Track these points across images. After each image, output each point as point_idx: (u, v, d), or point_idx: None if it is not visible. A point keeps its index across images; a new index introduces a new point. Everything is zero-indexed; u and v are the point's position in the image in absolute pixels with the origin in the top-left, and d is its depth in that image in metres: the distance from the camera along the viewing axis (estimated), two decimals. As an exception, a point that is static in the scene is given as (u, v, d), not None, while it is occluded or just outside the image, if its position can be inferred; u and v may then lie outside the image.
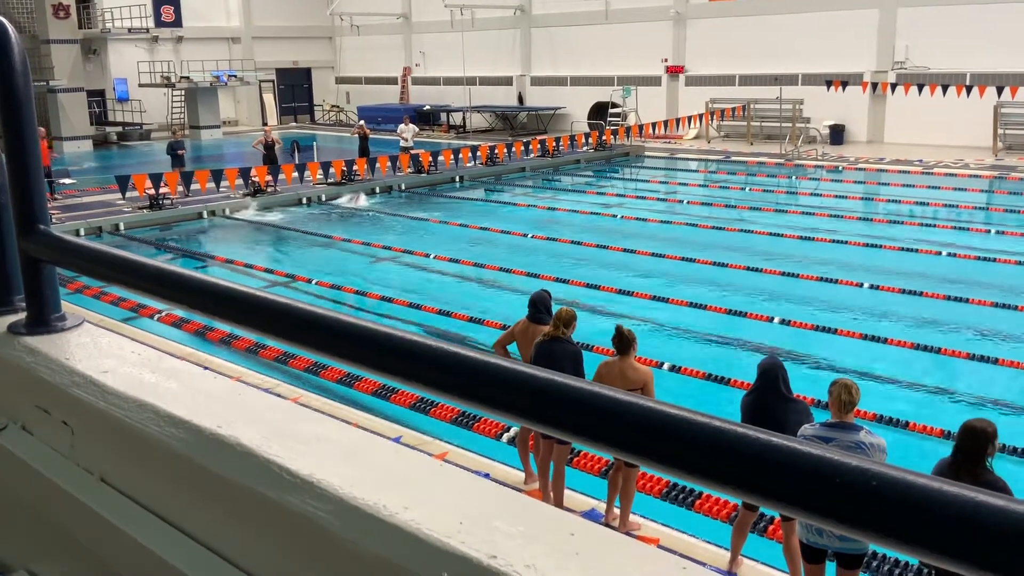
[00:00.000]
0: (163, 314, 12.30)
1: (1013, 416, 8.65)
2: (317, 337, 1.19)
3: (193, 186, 20.39)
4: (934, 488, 0.65)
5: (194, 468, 1.25)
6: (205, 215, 20.51)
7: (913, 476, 0.67)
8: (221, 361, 10.44)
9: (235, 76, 40.35)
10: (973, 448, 4.52)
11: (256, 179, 21.44)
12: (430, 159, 24.31)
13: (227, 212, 20.76)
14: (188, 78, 38.91)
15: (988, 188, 21.28)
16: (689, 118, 28.72)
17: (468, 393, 1.03)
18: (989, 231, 16.81)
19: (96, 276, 1.78)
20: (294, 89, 46.20)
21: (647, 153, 29.22)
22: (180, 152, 24.24)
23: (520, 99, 38.38)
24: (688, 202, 20.79)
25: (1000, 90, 23.71)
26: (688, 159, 28.30)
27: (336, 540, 1.02)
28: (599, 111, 34.32)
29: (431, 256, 16.14)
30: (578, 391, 0.92)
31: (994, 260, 14.25)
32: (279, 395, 9.29)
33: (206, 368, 9.97)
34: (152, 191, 19.73)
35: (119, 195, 19.89)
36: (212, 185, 20.51)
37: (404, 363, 1.12)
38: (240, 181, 21.00)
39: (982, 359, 9.98)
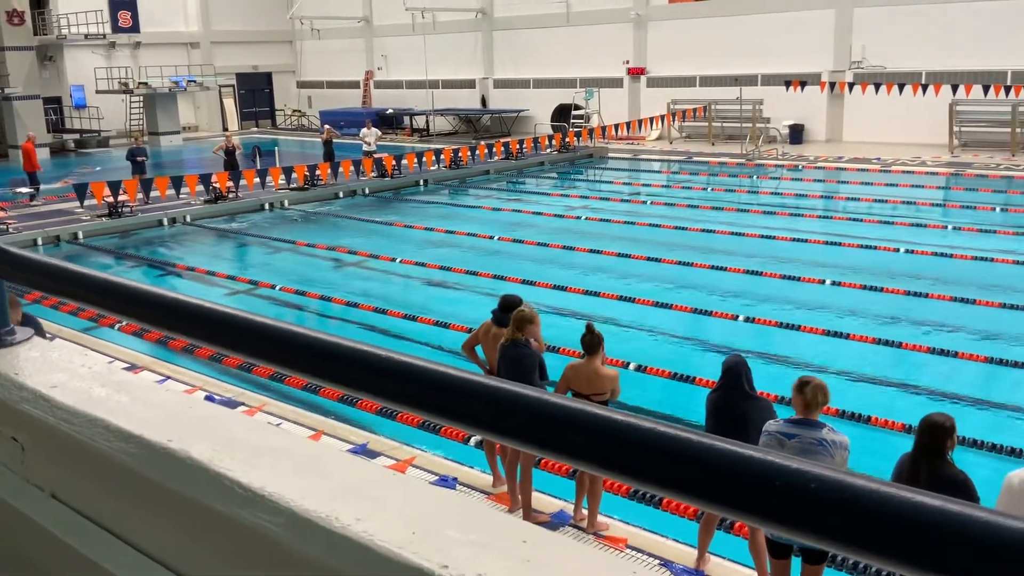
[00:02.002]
0: (124, 324, 12.12)
1: (973, 409, 8.80)
2: (266, 348, 1.17)
3: (153, 193, 20.13)
4: (871, 489, 0.66)
5: (145, 483, 1.23)
6: (166, 222, 20.26)
7: (850, 477, 0.68)
8: (184, 370, 10.32)
9: (194, 81, 39.90)
10: (933, 442, 4.59)
11: (217, 185, 21.22)
12: (393, 163, 24.23)
13: (188, 219, 20.52)
14: (146, 84, 38.42)
15: (945, 185, 21.65)
16: (651, 119, 28.90)
17: (427, 405, 1.02)
18: (946, 227, 17.11)
19: (45, 289, 1.74)
20: (255, 94, 45.81)
21: (610, 154, 29.37)
22: (140, 159, 23.94)
23: (483, 102, 38.38)
24: (652, 203, 20.92)
25: (955, 88, 24.14)
26: (651, 160, 28.47)
27: (288, 553, 1.00)
28: (562, 113, 34.44)
29: (397, 260, 16.07)
30: (536, 402, 0.92)
31: (951, 256, 14.49)
32: (242, 403, 9.21)
33: (168, 378, 9.85)
34: (111, 199, 19.45)
35: (77, 203, 19.59)
36: (172, 192, 20.27)
37: (359, 375, 1.11)
38: (201, 187, 20.77)
39: (942, 353, 10.14)
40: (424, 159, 24.56)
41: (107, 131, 38.62)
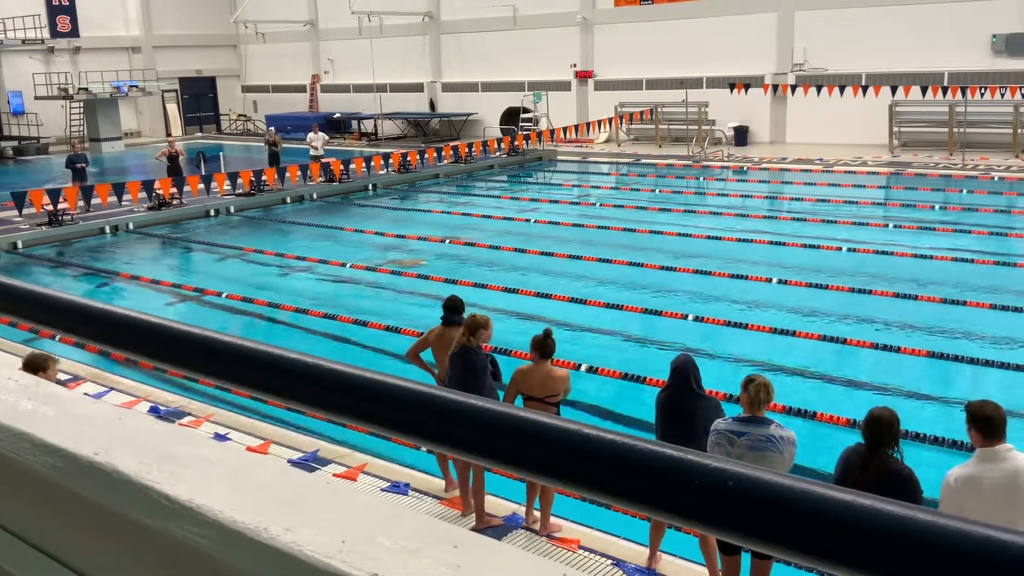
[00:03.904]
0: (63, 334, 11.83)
1: (917, 403, 9.00)
2: (198, 359, 1.15)
3: (94, 200, 19.72)
4: (785, 485, 0.66)
5: (71, 497, 1.20)
6: (108, 230, 19.85)
7: (767, 474, 0.68)
8: (127, 381, 10.11)
9: (136, 86, 39.15)
10: (876, 436, 4.68)
11: (160, 191, 20.86)
12: (341, 167, 24.04)
13: (131, 227, 20.13)
14: (87, 89, 37.59)
15: (885, 184, 22.14)
16: (599, 122, 29.11)
17: (372, 417, 1.01)
18: (887, 226, 17.49)
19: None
20: (199, 99, 45.14)
21: (560, 157, 29.50)
22: (80, 166, 23.44)
23: (432, 105, 38.30)
24: (601, 204, 21.05)
25: (894, 89, 24.70)
26: (600, 162, 28.67)
27: (217, 566, 0.98)
28: (511, 116, 34.51)
29: (347, 265, 15.95)
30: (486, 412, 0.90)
31: (893, 254, 14.81)
32: (189, 414, 9.06)
33: (111, 389, 9.63)
34: (50, 207, 19.00)
35: (16, 212, 19.10)
36: (114, 199, 19.87)
37: (301, 386, 1.08)
38: (143, 194, 20.40)
39: (885, 348, 10.35)
40: (373, 163, 24.41)
41: (46, 138, 37.72)
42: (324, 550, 0.91)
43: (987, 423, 4.30)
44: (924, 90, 23.91)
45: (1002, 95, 23.33)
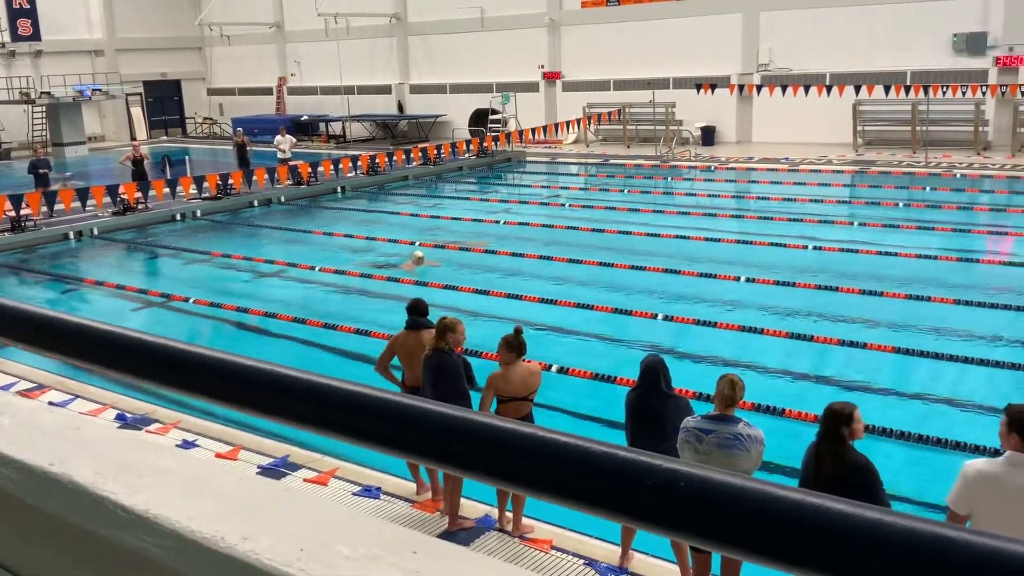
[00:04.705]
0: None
1: (882, 397, 9.11)
2: (152, 368, 1.13)
3: (57, 206, 19.44)
4: (735, 485, 0.66)
5: (25, 509, 1.18)
6: (72, 236, 19.57)
7: (717, 474, 0.68)
8: (92, 388, 9.97)
9: (100, 90, 38.64)
10: (834, 428, 4.74)
11: (125, 196, 20.60)
12: (309, 170, 23.89)
13: (95, 232, 19.86)
14: (49, 93, 37.04)
15: (850, 183, 22.41)
16: (568, 123, 29.18)
17: (346, 428, 0.99)
18: (852, 223, 17.69)
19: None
20: (164, 102, 44.64)
21: (528, 158, 29.53)
22: (43, 171, 23.08)
23: (400, 107, 38.18)
24: (570, 205, 21.10)
25: (857, 89, 25.02)
26: (568, 163, 28.74)
27: (173, 576, 0.97)
28: (480, 118, 34.50)
29: (316, 268, 15.85)
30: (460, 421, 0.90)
31: (858, 251, 14.99)
32: (156, 420, 8.95)
33: (76, 396, 9.49)
34: (13, 213, 18.69)
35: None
36: (78, 204, 19.60)
37: (268, 397, 1.07)
38: (108, 199, 20.14)
39: (851, 344, 10.47)
40: (341, 166, 24.27)
41: (8, 143, 37.15)
42: (282, 559, 0.90)
43: None
44: (887, 89, 24.25)
45: (963, 93, 23.71)
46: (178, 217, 21.38)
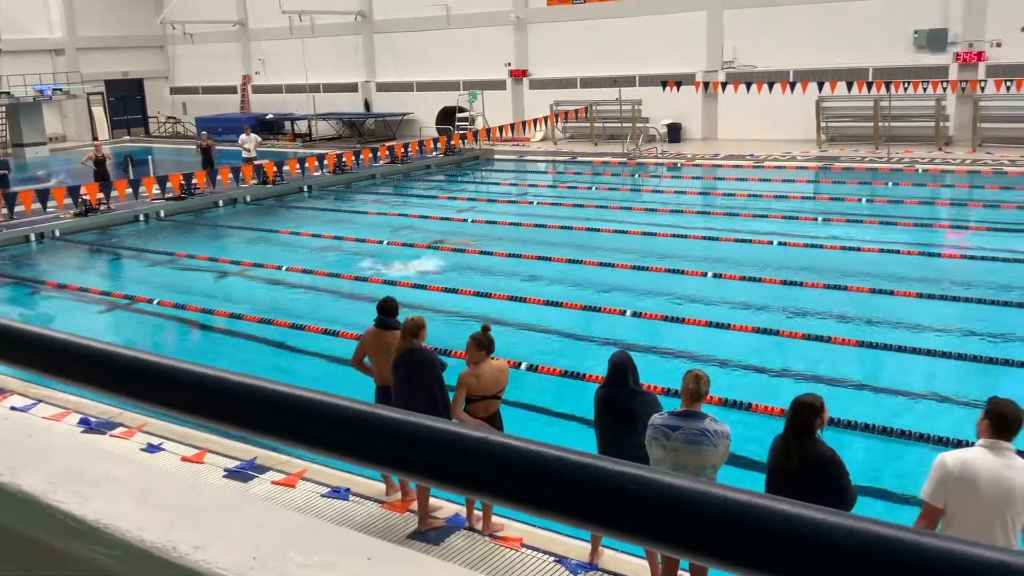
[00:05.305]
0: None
1: (847, 390, 9.22)
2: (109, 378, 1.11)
3: (17, 208, 19.11)
4: (684, 487, 0.66)
5: (-26, 521, 1.15)
6: (33, 238, 19.24)
7: (668, 477, 0.68)
8: (58, 393, 9.82)
9: (60, 90, 38.03)
10: (802, 421, 4.79)
11: (87, 197, 20.30)
12: (275, 169, 23.69)
13: (57, 234, 19.55)
14: (8, 93, 36.39)
15: (814, 179, 22.64)
16: (535, 121, 29.20)
17: (306, 437, 0.98)
18: (817, 219, 17.87)
19: None
20: (126, 101, 44.03)
21: (496, 156, 29.52)
22: (2, 172, 22.69)
23: (367, 105, 37.98)
24: (538, 203, 21.12)
25: (820, 85, 25.30)
26: (536, 161, 28.76)
27: (126, 587, 0.95)
28: (447, 116, 34.41)
29: (283, 268, 15.72)
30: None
31: (822, 247, 15.15)
32: (121, 424, 8.83)
33: (39, 401, 9.34)
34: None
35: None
36: (38, 206, 19.29)
37: (221, 404, 1.05)
38: (69, 200, 19.83)
39: (817, 339, 10.58)
40: (307, 165, 24.09)
41: (-35, 143, 36.44)
42: (234, 567, 0.88)
43: (1002, 419, 4.27)
44: (850, 85, 24.54)
45: (924, 89, 24.05)
46: (141, 218, 21.11)
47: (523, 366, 9.95)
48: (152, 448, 8.33)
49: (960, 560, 0.59)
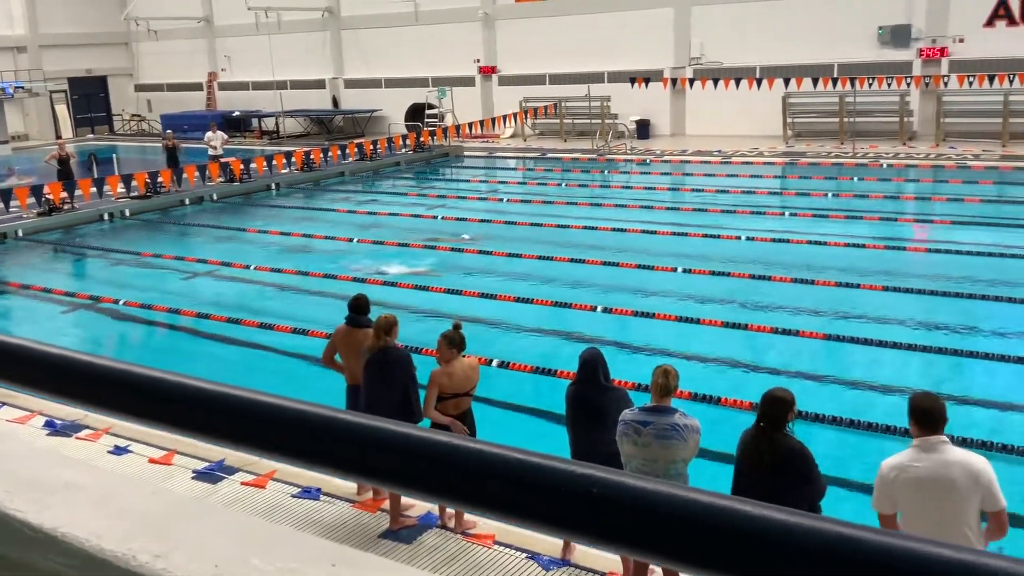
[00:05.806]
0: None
1: (814, 384, 9.32)
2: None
3: (-22, 208, 18.77)
4: (648, 490, 0.66)
5: (-71, 532, 1.12)
6: (-6, 238, 18.92)
7: (631, 480, 0.68)
8: (22, 396, 9.65)
9: (22, 87, 37.41)
10: (773, 415, 4.83)
11: (50, 196, 19.98)
12: (242, 167, 23.46)
13: (20, 234, 19.23)
14: (-33, 91, 35.75)
15: (781, 174, 22.84)
16: (505, 117, 29.17)
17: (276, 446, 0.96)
18: (784, 214, 18.04)
19: None
20: (89, 99, 43.38)
21: (466, 153, 29.46)
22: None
23: (335, 102, 37.73)
24: (508, 200, 21.11)
25: (787, 81, 25.50)
26: (506, 157, 28.75)
27: (85, 597, 0.93)
28: (416, 113, 34.27)
29: (251, 267, 15.59)
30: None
31: (789, 241, 15.29)
32: (87, 427, 8.71)
33: (3, 404, 9.19)
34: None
35: None
36: (1, 205, 18.96)
37: (190, 412, 1.03)
38: (32, 200, 19.51)
39: (785, 332, 10.68)
40: (275, 162, 23.89)
41: (-76, 142, 35.73)
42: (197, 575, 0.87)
43: (924, 414, 4.30)
44: (815, 81, 24.75)
45: (888, 85, 24.33)
46: (106, 217, 20.83)
47: (494, 363, 9.94)
48: (119, 451, 8.23)
49: (922, 559, 0.59)
